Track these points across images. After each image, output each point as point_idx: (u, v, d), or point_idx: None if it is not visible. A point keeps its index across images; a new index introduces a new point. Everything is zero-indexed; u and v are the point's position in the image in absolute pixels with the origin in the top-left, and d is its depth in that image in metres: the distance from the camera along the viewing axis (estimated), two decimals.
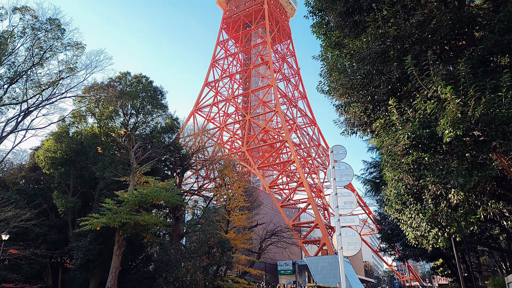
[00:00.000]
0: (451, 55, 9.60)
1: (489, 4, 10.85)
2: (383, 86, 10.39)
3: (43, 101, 25.76)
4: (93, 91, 30.35)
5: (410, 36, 9.84)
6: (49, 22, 24.41)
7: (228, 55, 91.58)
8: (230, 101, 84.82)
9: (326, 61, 13.74)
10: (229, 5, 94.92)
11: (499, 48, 8.29)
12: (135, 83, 35.15)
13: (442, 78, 8.18)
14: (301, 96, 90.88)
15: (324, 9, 13.49)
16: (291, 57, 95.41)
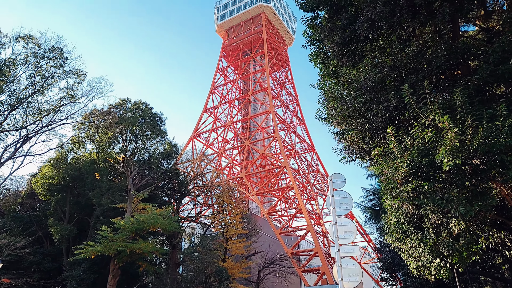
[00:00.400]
0: (447, 84, 9.73)
1: (483, 34, 11.12)
2: (381, 114, 10.46)
3: (43, 128, 25.84)
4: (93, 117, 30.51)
5: (407, 65, 10.00)
6: (52, 50, 24.85)
7: (227, 82, 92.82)
8: (229, 127, 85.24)
9: (324, 89, 13.90)
10: (229, 34, 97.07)
11: (494, 78, 8.41)
12: (135, 109, 35.44)
13: (439, 107, 8.26)
14: (299, 122, 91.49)
15: (321, 39, 13.75)
16: (290, 84, 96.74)
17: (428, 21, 9.60)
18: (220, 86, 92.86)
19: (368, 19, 10.35)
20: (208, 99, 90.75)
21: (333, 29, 12.34)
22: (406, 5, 9.67)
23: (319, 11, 13.59)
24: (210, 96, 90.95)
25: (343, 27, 11.79)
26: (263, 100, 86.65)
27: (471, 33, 12.21)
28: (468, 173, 7.88)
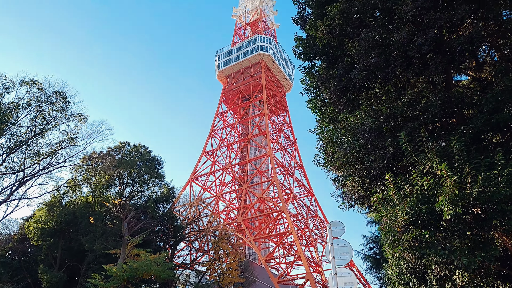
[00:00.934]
0: (443, 132, 9.84)
1: (476, 84, 11.42)
2: (379, 161, 10.47)
3: (40, 171, 25.70)
4: (91, 160, 30.47)
5: (402, 113, 10.16)
6: (55, 95, 25.34)
7: (226, 126, 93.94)
8: (227, 170, 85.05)
9: (322, 135, 14.02)
10: (229, 80, 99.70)
11: (489, 127, 8.52)
12: (133, 152, 35.54)
13: (437, 154, 8.28)
14: (298, 166, 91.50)
15: (318, 87, 14.06)
16: (288, 128, 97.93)
17: (421, 72, 9.88)
18: (219, 130, 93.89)
19: (363, 69, 10.66)
20: (207, 142, 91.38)
21: (330, 78, 12.66)
22: (399, 56, 10.00)
23: (316, 60, 14.04)
24: (209, 139, 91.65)
25: (339, 76, 12.11)
26: (262, 144, 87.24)
27: (464, 82, 12.55)
28: (469, 222, 7.75)
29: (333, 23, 11.16)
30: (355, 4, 10.94)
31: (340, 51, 12.23)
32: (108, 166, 31.03)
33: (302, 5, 13.94)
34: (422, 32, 9.31)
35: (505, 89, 8.39)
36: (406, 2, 9.46)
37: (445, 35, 10.03)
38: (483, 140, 9.12)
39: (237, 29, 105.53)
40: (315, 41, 12.48)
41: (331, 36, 11.50)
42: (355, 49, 10.74)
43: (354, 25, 11.16)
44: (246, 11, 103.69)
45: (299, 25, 14.24)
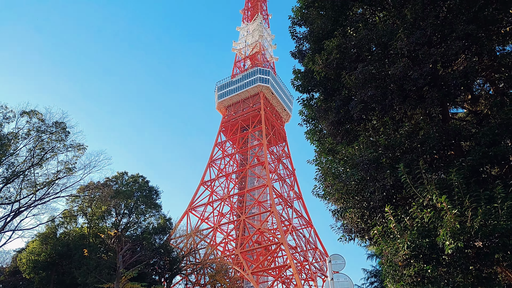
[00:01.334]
0: (441, 164, 9.85)
1: (472, 117, 11.56)
2: (378, 192, 10.41)
3: (36, 201, 25.40)
4: (88, 191, 30.21)
5: (401, 145, 10.20)
6: (55, 125, 25.48)
7: (225, 156, 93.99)
8: (225, 200, 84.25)
9: (321, 165, 14.01)
10: (228, 110, 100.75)
11: (487, 160, 8.55)
12: (131, 182, 35.39)
13: (436, 186, 8.25)
14: (296, 197, 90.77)
15: (317, 118, 14.21)
16: (286, 158, 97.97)
17: (418, 104, 10.02)
18: (218, 160, 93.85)
19: (361, 101, 10.80)
20: (205, 172, 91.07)
21: (328, 110, 12.81)
22: (396, 89, 10.17)
23: (314, 92, 14.26)
24: (207, 169, 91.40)
25: (337, 107, 12.25)
26: (260, 174, 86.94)
27: (460, 115, 12.70)
28: (472, 256, 7.62)
29: (331, 57, 11.42)
30: (351, 39, 11.25)
31: (337, 83, 12.44)
32: (105, 196, 30.73)
33: (300, 40, 14.32)
34: (417, 67, 9.52)
35: (501, 122, 8.48)
36: (401, 38, 9.73)
37: (440, 69, 10.26)
38: (482, 173, 9.12)
39: (237, 61, 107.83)
40: (313, 74, 12.72)
41: (328, 69, 11.74)
42: (352, 82, 10.93)
43: (351, 59, 11.42)
44: (246, 45, 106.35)
45: (297, 58, 14.57)
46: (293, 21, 14.38)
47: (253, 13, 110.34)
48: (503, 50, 10.37)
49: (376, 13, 12.57)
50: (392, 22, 11.17)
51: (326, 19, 12.56)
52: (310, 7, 13.37)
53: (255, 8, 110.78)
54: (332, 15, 12.40)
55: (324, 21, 12.54)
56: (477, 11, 9.23)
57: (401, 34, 9.81)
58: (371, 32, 10.99)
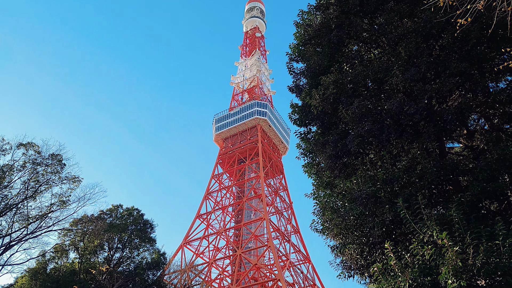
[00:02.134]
0: (440, 199, 9.79)
1: (468, 152, 11.62)
2: (377, 228, 10.26)
3: (28, 235, 24.83)
4: (81, 224, 29.65)
5: (399, 180, 10.17)
6: (51, 157, 25.40)
7: (222, 188, 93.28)
8: (221, 234, 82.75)
9: (319, 199, 13.90)
10: (226, 143, 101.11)
11: (486, 195, 8.51)
12: (126, 215, 34.92)
13: (436, 222, 8.15)
14: (294, 231, 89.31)
15: (314, 152, 14.24)
16: (284, 191, 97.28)
17: (415, 139, 10.10)
18: (215, 192, 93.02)
19: (358, 136, 10.89)
20: (201, 204, 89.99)
21: (325, 143, 12.86)
22: (393, 124, 10.28)
23: (312, 126, 14.39)
24: (203, 202, 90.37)
25: (334, 141, 12.31)
26: (257, 207, 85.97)
27: (456, 149, 12.77)
28: None
29: (327, 92, 11.61)
30: (348, 75, 11.49)
31: (334, 118, 12.57)
32: (99, 230, 30.18)
33: (297, 75, 14.62)
34: (413, 102, 9.68)
35: (498, 157, 8.52)
36: (396, 74, 9.95)
37: (435, 105, 10.42)
38: (482, 208, 9.05)
39: (234, 95, 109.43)
40: (310, 108, 12.88)
41: (325, 104, 11.90)
42: (349, 117, 11.05)
43: (348, 94, 11.61)
44: (244, 79, 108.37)
45: (294, 93, 14.81)
46: (290, 57, 14.74)
47: (251, 49, 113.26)
48: (497, 87, 10.61)
49: (371, 50, 12.94)
50: (387, 59, 11.47)
51: (322, 56, 12.89)
52: (307, 44, 13.75)
53: (253, 44, 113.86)
54: (328, 52, 12.74)
55: (321, 58, 12.86)
56: (470, 49, 9.51)
57: (396, 71, 10.04)
58: (366, 68, 11.26)
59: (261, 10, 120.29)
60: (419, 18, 10.53)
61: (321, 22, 12.97)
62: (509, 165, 8.47)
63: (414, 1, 10.58)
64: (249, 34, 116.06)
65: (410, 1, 10.88)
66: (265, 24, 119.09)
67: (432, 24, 9.96)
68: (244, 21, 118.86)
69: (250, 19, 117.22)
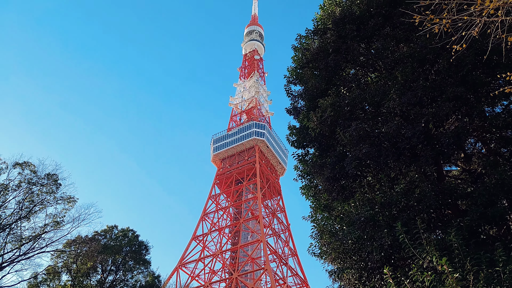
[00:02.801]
0: (439, 224, 9.69)
1: (466, 175, 11.60)
2: (376, 253, 10.10)
3: (20, 256, 24.31)
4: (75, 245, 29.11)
5: (397, 203, 10.10)
6: (47, 177, 25.17)
7: (218, 209, 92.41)
8: (218, 256, 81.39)
9: (316, 222, 13.76)
10: (224, 163, 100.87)
11: (485, 220, 8.44)
12: (120, 236, 34.42)
13: (436, 248, 8.03)
14: (291, 254, 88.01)
15: (312, 174, 14.19)
16: (281, 212, 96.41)
17: (413, 162, 10.09)
18: (211, 213, 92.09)
19: (355, 158, 10.87)
20: (198, 226, 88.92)
21: (323, 165, 12.84)
22: (390, 147, 10.28)
23: (309, 148, 14.39)
24: (200, 223, 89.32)
25: (332, 163, 12.29)
26: (254, 229, 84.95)
27: (454, 173, 12.76)
28: None
29: (325, 115, 11.67)
30: (345, 98, 11.57)
31: (332, 140, 12.59)
32: (92, 251, 29.64)
33: (295, 97, 14.73)
34: (410, 125, 9.71)
35: (496, 182, 8.49)
36: (393, 98, 10.03)
37: (432, 128, 10.47)
38: (481, 233, 8.96)
39: (233, 115, 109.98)
40: (307, 130, 12.92)
41: (323, 126, 11.94)
42: (347, 139, 11.06)
43: (345, 117, 11.67)
44: (242, 100, 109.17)
45: (292, 115, 14.88)
46: (289, 80, 14.89)
47: (250, 71, 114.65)
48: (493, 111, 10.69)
49: (368, 74, 13.09)
50: (384, 82, 11.60)
51: (320, 79, 13.02)
52: (305, 67, 13.92)
53: (252, 66, 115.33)
54: (325, 75, 12.88)
55: (318, 81, 12.99)
56: (465, 74, 9.63)
57: (393, 94, 10.13)
58: (364, 91, 11.36)
59: (260, 33, 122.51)
60: (415, 44, 10.71)
61: (318, 46, 13.17)
62: (508, 190, 8.44)
63: (409, 27, 10.78)
64: (248, 57, 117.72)
65: (406, 27, 11.09)
66: (264, 47, 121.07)
67: (427, 50, 10.12)
68: (243, 44, 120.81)
69: (249, 42, 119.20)
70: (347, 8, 12.54)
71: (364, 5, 12.11)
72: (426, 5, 6.22)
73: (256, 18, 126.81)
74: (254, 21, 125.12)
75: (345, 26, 12.21)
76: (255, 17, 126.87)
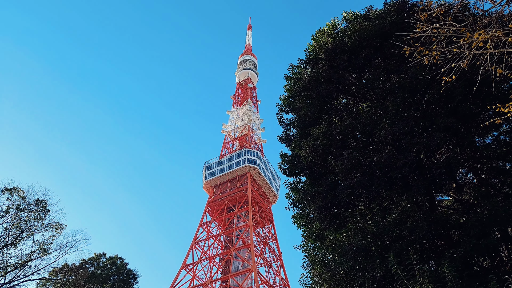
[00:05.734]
0: (432, 254, 9.57)
1: (458, 205, 11.58)
2: (368, 284, 9.89)
3: (5, 284, 23.38)
4: (61, 274, 28.18)
5: (389, 233, 9.99)
6: (36, 203, 24.69)
7: (209, 237, 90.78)
8: (208, 285, 79.19)
9: (308, 252, 13.52)
10: (215, 190, 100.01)
11: (479, 252, 8.35)
12: (108, 264, 33.56)
13: (429, 280, 7.89)
14: (283, 284, 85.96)
15: (304, 202, 14.07)
16: (273, 241, 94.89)
17: (405, 192, 10.06)
18: (202, 241, 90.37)
19: (347, 187, 10.82)
20: (188, 254, 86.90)
21: (315, 194, 12.75)
22: (382, 176, 10.28)
23: (301, 176, 14.32)
24: (190, 251, 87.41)
25: (324, 192, 12.21)
26: (246, 257, 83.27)
27: (446, 202, 12.74)
28: None
29: (317, 143, 11.69)
30: (337, 126, 11.65)
31: (324, 168, 12.57)
32: (79, 280, 28.67)
33: (287, 125, 14.81)
34: (402, 155, 9.75)
35: (489, 213, 8.47)
36: (385, 128, 10.11)
37: (424, 158, 10.52)
38: (474, 265, 8.84)
39: (225, 142, 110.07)
40: (299, 159, 12.90)
41: (315, 154, 11.94)
42: (339, 168, 11.05)
43: (337, 145, 11.70)
44: (235, 127, 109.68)
45: (284, 143, 14.91)
46: (281, 108, 15.01)
47: (243, 98, 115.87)
48: (483, 142, 10.81)
49: (360, 104, 13.26)
50: (375, 112, 11.73)
51: (312, 108, 13.14)
52: (297, 96, 14.08)
53: (245, 94, 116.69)
54: (317, 104, 13.01)
55: (310, 109, 13.10)
56: (456, 105, 9.79)
57: (384, 124, 10.22)
58: (355, 120, 11.46)
59: (254, 62, 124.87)
60: (406, 75, 10.93)
61: (310, 76, 13.38)
62: (500, 221, 8.41)
63: (400, 58, 11.04)
64: (241, 85, 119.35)
65: (397, 59, 11.36)
66: (257, 76, 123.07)
67: (418, 81, 10.33)
68: (237, 73, 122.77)
69: (242, 71, 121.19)
70: (339, 39, 12.84)
71: (355, 36, 12.42)
72: (416, 38, 6.39)
73: (250, 47, 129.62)
74: (248, 51, 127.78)
75: (337, 57, 12.46)
76: (249, 46, 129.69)
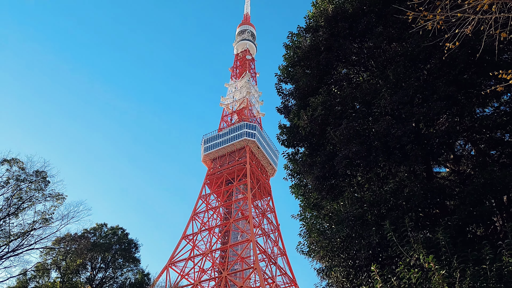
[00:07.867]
0: (427, 222, 9.75)
1: (455, 176, 11.68)
2: (364, 250, 10.13)
3: (9, 253, 23.94)
4: (64, 243, 28.79)
5: (386, 202, 10.13)
6: (36, 174, 24.86)
7: (209, 209, 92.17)
8: (207, 255, 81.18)
9: (305, 221, 13.73)
10: (214, 163, 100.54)
11: (473, 219, 8.50)
12: (110, 234, 34.23)
13: (423, 246, 8.08)
14: (280, 253, 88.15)
15: (302, 173, 14.16)
16: (271, 213, 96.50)
17: (402, 162, 10.11)
18: (201, 213, 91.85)
19: (345, 157, 10.86)
20: (188, 225, 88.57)
21: (313, 164, 12.82)
22: (380, 146, 10.30)
23: (299, 147, 14.35)
24: (190, 223, 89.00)
25: (322, 162, 12.26)
26: (244, 229, 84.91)
27: (443, 174, 12.85)
28: None
29: (316, 113, 11.64)
30: (336, 96, 11.57)
31: (322, 139, 12.57)
32: (82, 249, 29.39)
33: (286, 96, 14.68)
34: (401, 125, 9.74)
35: (484, 182, 8.55)
36: (384, 97, 10.05)
37: (423, 128, 10.52)
38: (468, 233, 9.02)
39: (224, 116, 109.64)
40: (298, 129, 12.88)
41: (313, 125, 11.91)
42: (337, 138, 11.05)
43: (336, 116, 11.66)
44: (233, 100, 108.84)
45: (283, 114, 14.84)
46: (280, 79, 14.83)
47: (241, 71, 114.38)
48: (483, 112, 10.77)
49: (360, 73, 13.10)
50: (375, 81, 11.61)
51: (311, 77, 12.98)
52: (296, 66, 13.87)
53: (243, 66, 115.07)
54: (317, 74, 12.84)
55: (310, 79, 12.94)
56: (457, 74, 9.68)
57: (385, 93, 10.14)
58: (355, 90, 11.36)
59: (252, 33, 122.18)
60: (408, 43, 10.74)
61: (310, 44, 13.14)
62: (495, 190, 8.51)
63: (402, 25, 10.81)
64: (239, 57, 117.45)
65: (399, 26, 11.12)
66: (255, 47, 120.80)
67: (420, 49, 10.16)
68: (235, 44, 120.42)
69: (241, 42, 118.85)
70: (339, 5, 12.51)
71: (357, 2, 12.10)
72: (420, 3, 6.23)
73: (248, 17, 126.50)
74: (246, 21, 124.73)
75: (338, 24, 12.18)
76: (247, 16, 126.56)
